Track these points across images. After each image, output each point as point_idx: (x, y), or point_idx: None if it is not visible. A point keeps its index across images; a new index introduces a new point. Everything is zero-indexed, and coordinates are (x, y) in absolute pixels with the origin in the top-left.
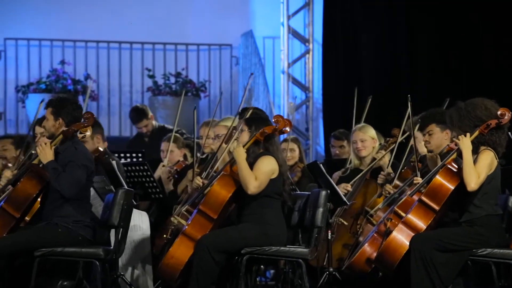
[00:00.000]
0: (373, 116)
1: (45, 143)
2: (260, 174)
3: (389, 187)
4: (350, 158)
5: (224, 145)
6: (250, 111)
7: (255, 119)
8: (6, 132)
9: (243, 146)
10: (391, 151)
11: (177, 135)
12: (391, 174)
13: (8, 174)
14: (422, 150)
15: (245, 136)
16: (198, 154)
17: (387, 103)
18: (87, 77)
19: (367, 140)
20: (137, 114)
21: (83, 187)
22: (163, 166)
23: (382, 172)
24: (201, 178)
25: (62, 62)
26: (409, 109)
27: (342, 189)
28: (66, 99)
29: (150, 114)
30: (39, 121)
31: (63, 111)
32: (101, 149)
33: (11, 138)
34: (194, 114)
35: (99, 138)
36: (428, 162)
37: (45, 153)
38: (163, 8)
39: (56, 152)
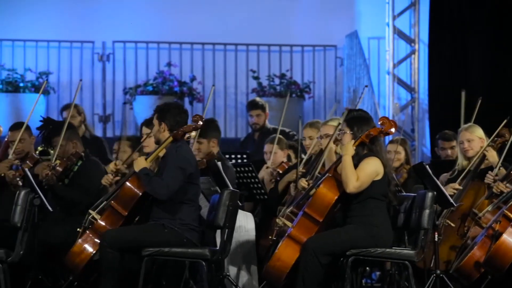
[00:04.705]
0: (480, 116)
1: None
2: (363, 175)
3: (501, 186)
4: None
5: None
6: (351, 112)
7: (357, 120)
8: (114, 134)
9: None
10: (501, 152)
11: (280, 136)
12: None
13: (120, 166)
14: None
15: (347, 137)
16: (303, 155)
17: (494, 103)
18: (193, 78)
19: (474, 140)
20: (254, 102)
21: (183, 190)
22: (267, 167)
23: (489, 172)
24: (306, 180)
25: (169, 64)
26: None
27: (449, 190)
28: (170, 104)
29: (267, 111)
30: (146, 122)
31: (166, 116)
32: (214, 153)
33: (129, 140)
34: (299, 123)
35: (215, 142)
36: None
37: (138, 161)
38: (268, 9)
39: (163, 156)
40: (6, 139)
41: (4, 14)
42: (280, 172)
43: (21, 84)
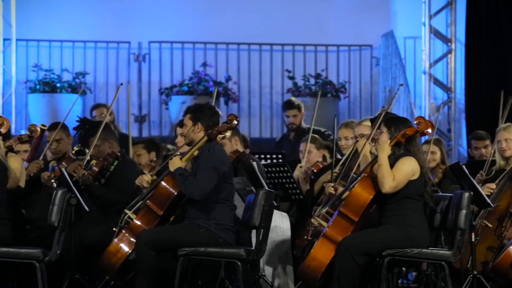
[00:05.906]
0: None
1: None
2: (399, 175)
3: None
4: (490, 159)
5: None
6: (387, 114)
7: (395, 120)
8: (150, 134)
9: None
10: None
11: (315, 136)
12: None
13: (147, 178)
14: None
15: (384, 137)
16: (338, 156)
17: None
18: (228, 79)
19: None
20: (290, 102)
21: (218, 189)
22: (301, 166)
23: None
24: (334, 186)
25: (204, 65)
26: None
27: (486, 190)
28: (203, 105)
29: (303, 111)
30: (181, 123)
31: (202, 116)
32: (240, 150)
33: (142, 143)
34: (335, 121)
35: (237, 139)
36: None
37: (173, 161)
38: (304, 9)
39: (197, 156)
40: (35, 139)
41: (41, 15)
42: (315, 171)
43: (58, 85)
